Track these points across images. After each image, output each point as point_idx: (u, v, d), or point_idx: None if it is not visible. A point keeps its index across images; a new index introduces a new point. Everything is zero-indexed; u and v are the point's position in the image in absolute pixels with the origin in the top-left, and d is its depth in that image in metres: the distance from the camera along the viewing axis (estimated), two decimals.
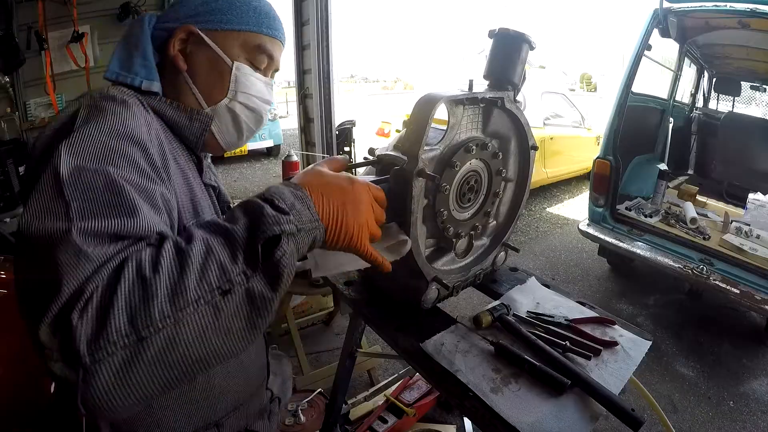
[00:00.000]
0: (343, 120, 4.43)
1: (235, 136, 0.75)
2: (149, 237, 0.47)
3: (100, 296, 0.40)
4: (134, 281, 0.41)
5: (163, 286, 0.41)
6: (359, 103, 14.27)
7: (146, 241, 0.46)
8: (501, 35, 0.86)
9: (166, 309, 0.40)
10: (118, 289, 0.40)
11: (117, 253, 0.44)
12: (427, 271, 0.86)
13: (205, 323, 0.42)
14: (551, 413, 0.69)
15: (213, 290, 0.42)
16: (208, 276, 0.43)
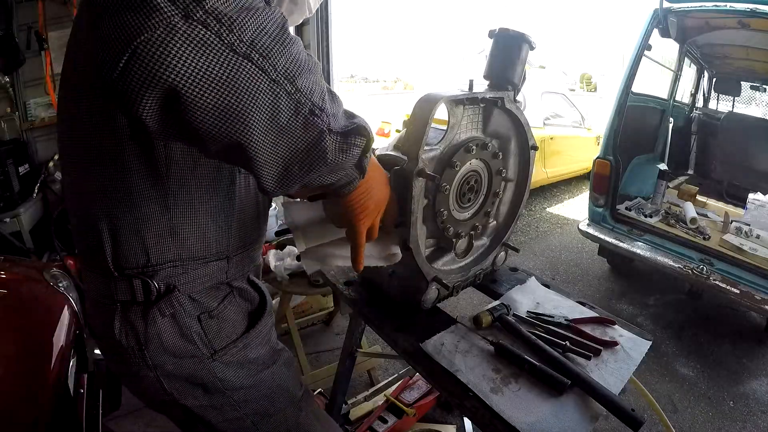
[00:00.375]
0: None
1: None
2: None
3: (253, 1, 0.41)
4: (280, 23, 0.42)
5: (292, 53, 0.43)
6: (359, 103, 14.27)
7: None
8: (501, 35, 0.86)
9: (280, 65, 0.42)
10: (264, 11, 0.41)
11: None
12: (427, 271, 0.86)
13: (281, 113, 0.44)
14: (551, 413, 0.69)
15: (309, 99, 0.45)
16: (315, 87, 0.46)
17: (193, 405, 0.67)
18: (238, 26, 0.39)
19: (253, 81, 0.41)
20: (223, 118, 0.42)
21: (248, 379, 0.70)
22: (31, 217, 2.22)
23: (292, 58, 0.43)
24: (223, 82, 0.40)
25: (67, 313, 1.19)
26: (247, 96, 0.41)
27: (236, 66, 0.40)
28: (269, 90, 0.42)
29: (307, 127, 0.46)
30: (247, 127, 0.43)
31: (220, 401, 0.68)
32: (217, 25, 0.38)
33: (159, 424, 1.62)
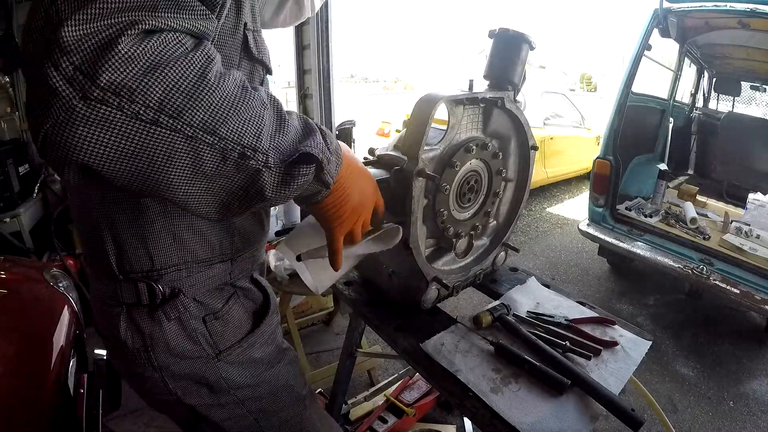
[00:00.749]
0: (343, 120, 4.43)
1: None
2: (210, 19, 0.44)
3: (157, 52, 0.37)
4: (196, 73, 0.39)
5: (212, 100, 0.40)
6: (359, 103, 14.28)
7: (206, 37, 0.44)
8: (501, 35, 0.86)
9: (197, 120, 0.40)
10: (177, 65, 0.38)
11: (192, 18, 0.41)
12: (427, 271, 0.86)
13: (205, 164, 0.42)
14: (551, 413, 0.69)
15: (238, 144, 0.42)
16: (245, 129, 0.43)
17: (198, 404, 0.67)
18: (141, 93, 0.37)
19: (167, 143, 0.39)
20: (144, 181, 0.41)
21: (253, 378, 0.70)
22: (31, 217, 2.21)
23: (212, 108, 0.40)
24: (133, 152, 0.39)
25: (67, 313, 1.19)
26: (162, 158, 0.40)
27: (145, 134, 0.38)
28: (187, 147, 0.40)
29: (240, 168, 0.44)
30: (169, 184, 0.42)
31: (224, 400, 0.68)
32: (116, 99, 0.36)
33: (159, 424, 1.62)
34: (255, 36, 0.60)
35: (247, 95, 0.44)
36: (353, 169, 0.58)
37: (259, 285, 0.74)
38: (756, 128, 3.36)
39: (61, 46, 0.35)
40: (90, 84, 0.35)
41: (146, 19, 0.37)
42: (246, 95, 0.43)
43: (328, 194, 0.55)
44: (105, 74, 0.35)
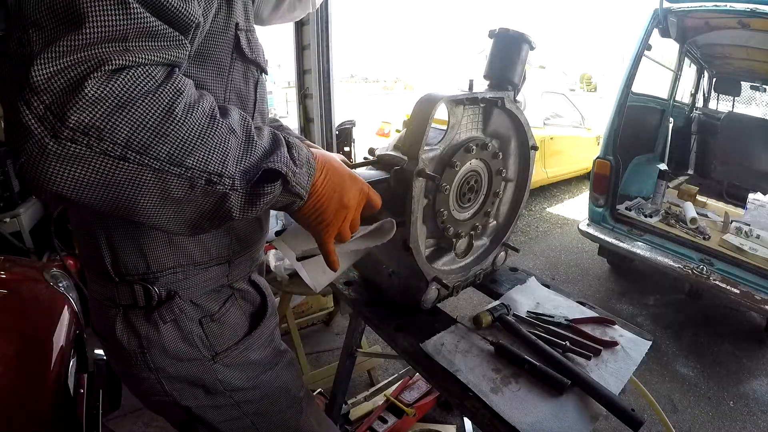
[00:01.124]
0: (343, 120, 4.44)
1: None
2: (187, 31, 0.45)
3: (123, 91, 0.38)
4: (162, 109, 0.40)
5: (179, 134, 0.41)
6: (359, 103, 14.28)
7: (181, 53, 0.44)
8: (501, 35, 0.86)
9: (163, 154, 0.41)
10: (144, 101, 0.39)
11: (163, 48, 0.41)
12: (427, 271, 0.86)
13: (173, 192, 0.43)
14: (551, 413, 0.69)
15: (204, 171, 0.44)
16: (211, 157, 0.44)
17: (194, 405, 0.67)
18: (109, 132, 0.38)
19: (135, 176, 0.41)
20: (115, 207, 0.43)
21: (250, 380, 0.70)
22: (31, 217, 2.21)
23: (179, 142, 0.42)
24: (103, 184, 0.41)
25: (67, 313, 1.19)
26: (131, 189, 0.42)
27: (113, 168, 0.40)
28: (155, 179, 0.42)
29: (207, 193, 0.45)
30: (140, 211, 0.44)
31: (220, 401, 0.68)
32: (85, 138, 0.38)
33: (159, 424, 1.62)
34: (248, 36, 0.60)
35: (214, 124, 0.45)
36: (331, 172, 0.58)
37: (257, 287, 0.74)
38: (756, 128, 3.36)
39: (32, 85, 0.36)
40: (60, 124, 0.37)
41: (115, 56, 0.38)
42: (213, 124, 0.45)
43: (305, 202, 0.55)
44: (73, 116, 0.36)
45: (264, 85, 0.71)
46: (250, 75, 0.63)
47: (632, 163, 3.00)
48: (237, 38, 0.58)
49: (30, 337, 1.06)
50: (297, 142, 0.54)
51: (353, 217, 0.62)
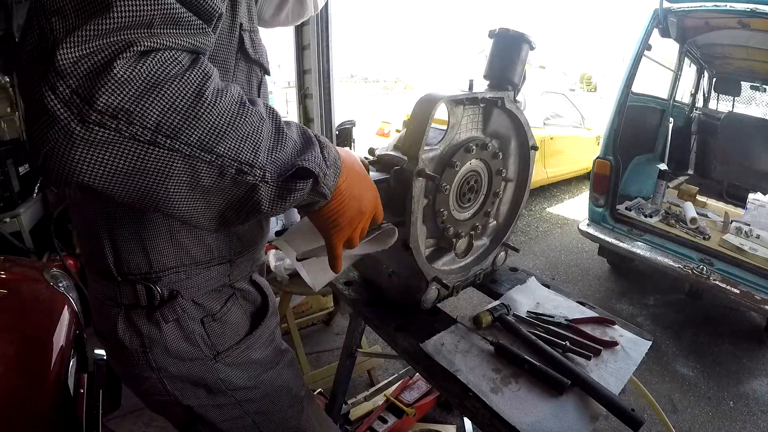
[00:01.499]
0: (343, 120, 4.44)
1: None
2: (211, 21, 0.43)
3: (153, 73, 0.37)
4: (193, 92, 0.39)
5: (210, 118, 0.40)
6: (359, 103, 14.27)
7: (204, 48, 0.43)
8: (501, 35, 0.86)
9: (194, 138, 0.40)
10: (173, 84, 0.38)
11: (189, 34, 0.40)
12: (427, 271, 0.86)
13: (203, 180, 0.42)
14: (551, 413, 0.69)
15: (235, 161, 0.43)
16: (243, 146, 0.43)
17: (195, 405, 0.67)
18: (139, 115, 0.37)
19: (165, 162, 0.40)
20: (143, 197, 0.42)
21: (251, 379, 0.70)
22: (31, 217, 2.21)
23: (210, 126, 0.41)
24: (132, 171, 0.40)
25: (67, 313, 1.19)
26: (161, 177, 0.41)
27: (143, 154, 0.39)
28: (185, 165, 0.41)
29: (237, 183, 0.44)
30: (168, 200, 0.43)
31: (222, 401, 0.68)
32: (114, 121, 0.36)
33: (159, 424, 1.62)
34: (252, 36, 0.60)
35: (244, 111, 0.44)
36: (353, 177, 0.58)
37: (258, 286, 0.74)
38: (756, 128, 3.36)
39: (57, 69, 0.34)
40: (87, 107, 0.35)
41: (142, 39, 0.37)
42: (244, 111, 0.44)
43: (327, 203, 0.55)
44: (102, 97, 0.35)
45: (266, 85, 0.70)
46: (253, 75, 0.63)
47: (632, 163, 3.00)
48: (241, 38, 0.58)
49: (30, 337, 1.06)
50: (326, 141, 0.53)
51: (364, 225, 0.62)
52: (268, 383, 0.72)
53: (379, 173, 0.79)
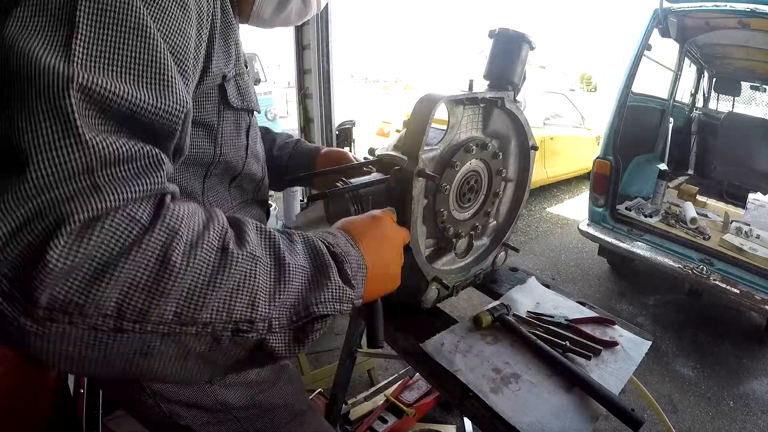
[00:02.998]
0: (343, 120, 4.44)
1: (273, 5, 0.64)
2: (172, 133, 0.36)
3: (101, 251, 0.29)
4: (155, 261, 0.31)
5: (183, 287, 0.32)
6: (359, 103, 14.28)
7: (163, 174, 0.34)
8: (501, 35, 0.86)
9: (168, 316, 0.32)
10: (129, 257, 0.30)
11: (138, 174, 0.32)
12: (427, 271, 0.86)
13: (194, 349, 0.35)
14: (551, 413, 0.69)
15: (229, 322, 0.35)
16: (234, 303, 0.35)
17: (194, 423, 0.67)
18: (93, 306, 0.29)
19: (140, 345, 0.33)
20: (125, 375, 0.35)
21: (250, 398, 0.70)
22: None
23: (185, 296, 0.32)
24: (104, 358, 0.32)
25: None
26: (140, 357, 0.33)
27: (110, 342, 0.31)
28: (166, 343, 0.33)
29: (239, 344, 0.37)
30: (156, 374, 0.36)
31: (221, 417, 0.68)
32: (65, 316, 0.29)
33: None
34: (238, 83, 0.56)
35: (228, 260, 0.35)
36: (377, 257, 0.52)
37: None
38: (756, 128, 3.36)
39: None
40: (30, 305, 0.28)
41: (79, 207, 0.29)
42: (227, 260, 0.35)
43: None
44: (42, 294, 0.28)
45: (256, 126, 0.68)
46: (241, 122, 0.60)
47: (632, 163, 3.00)
48: (223, 91, 0.54)
49: None
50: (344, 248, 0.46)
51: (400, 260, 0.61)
52: (267, 402, 0.72)
53: (379, 173, 0.79)
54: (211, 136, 0.56)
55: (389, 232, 0.57)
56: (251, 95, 0.61)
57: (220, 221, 0.37)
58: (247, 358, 0.39)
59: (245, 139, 0.62)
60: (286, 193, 2.40)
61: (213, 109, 0.54)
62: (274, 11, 0.67)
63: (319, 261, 0.42)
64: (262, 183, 0.75)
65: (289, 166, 0.93)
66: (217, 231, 0.36)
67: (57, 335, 0.30)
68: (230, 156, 0.60)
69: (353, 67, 76.12)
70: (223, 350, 0.36)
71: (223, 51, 0.51)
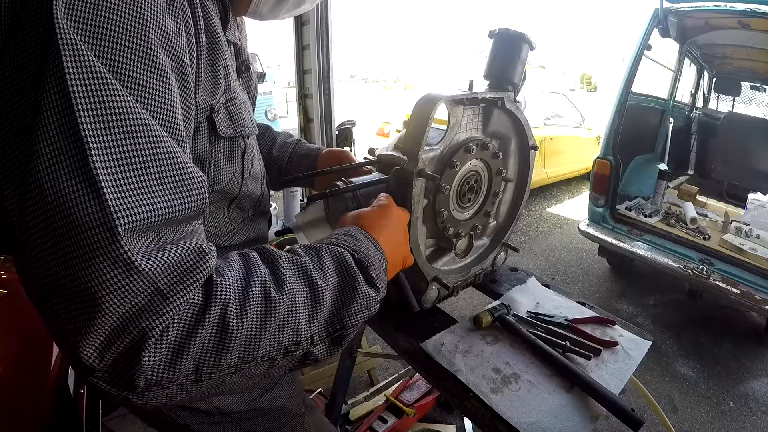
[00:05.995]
0: (343, 120, 4.44)
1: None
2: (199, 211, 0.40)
3: (176, 341, 0.36)
4: (216, 330, 0.38)
5: (241, 340, 0.39)
6: (359, 103, 14.27)
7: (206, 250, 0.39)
8: (501, 35, 0.86)
9: (234, 361, 0.39)
10: (197, 335, 0.37)
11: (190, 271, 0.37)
12: (427, 271, 0.86)
13: (256, 372, 0.42)
14: (551, 413, 0.69)
15: (279, 349, 0.42)
16: (281, 336, 0.42)
17: (192, 423, 0.67)
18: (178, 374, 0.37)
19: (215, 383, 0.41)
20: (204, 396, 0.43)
21: (248, 403, 0.70)
22: None
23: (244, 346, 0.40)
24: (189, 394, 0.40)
25: None
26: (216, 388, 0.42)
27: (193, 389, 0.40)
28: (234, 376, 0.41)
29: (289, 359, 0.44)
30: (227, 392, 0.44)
31: (218, 419, 0.69)
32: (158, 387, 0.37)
33: None
34: (229, 109, 0.55)
35: (272, 305, 0.41)
36: (392, 249, 0.58)
37: None
38: (756, 128, 3.36)
39: (83, 365, 0.34)
40: (131, 389, 0.36)
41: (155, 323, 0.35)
42: (271, 306, 0.41)
43: None
44: (140, 382, 0.35)
45: (253, 147, 0.67)
46: (236, 148, 0.59)
47: (632, 163, 3.00)
48: (213, 125, 0.53)
49: (30, 337, 1.06)
50: (365, 252, 0.51)
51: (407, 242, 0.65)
52: (266, 405, 0.72)
53: (379, 173, 0.79)
54: (203, 168, 0.55)
55: (395, 218, 0.62)
56: (244, 119, 0.59)
57: (258, 271, 0.42)
58: (297, 364, 0.46)
59: (240, 164, 0.61)
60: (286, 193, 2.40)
61: (203, 142, 0.54)
62: (272, 7, 0.66)
63: (347, 271, 0.48)
64: (262, 198, 0.74)
65: (289, 167, 0.93)
66: (258, 283, 0.41)
67: (153, 396, 0.38)
68: (225, 184, 0.60)
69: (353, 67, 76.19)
70: (278, 366, 0.44)
71: (210, 81, 0.51)
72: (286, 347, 0.42)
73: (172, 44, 0.40)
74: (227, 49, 0.55)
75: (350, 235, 0.53)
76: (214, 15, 0.52)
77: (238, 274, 0.41)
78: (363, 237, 0.53)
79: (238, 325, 0.38)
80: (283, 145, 0.94)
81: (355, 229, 0.55)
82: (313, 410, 0.84)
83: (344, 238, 0.52)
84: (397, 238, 0.60)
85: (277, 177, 0.92)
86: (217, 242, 0.64)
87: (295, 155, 0.93)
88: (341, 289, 0.47)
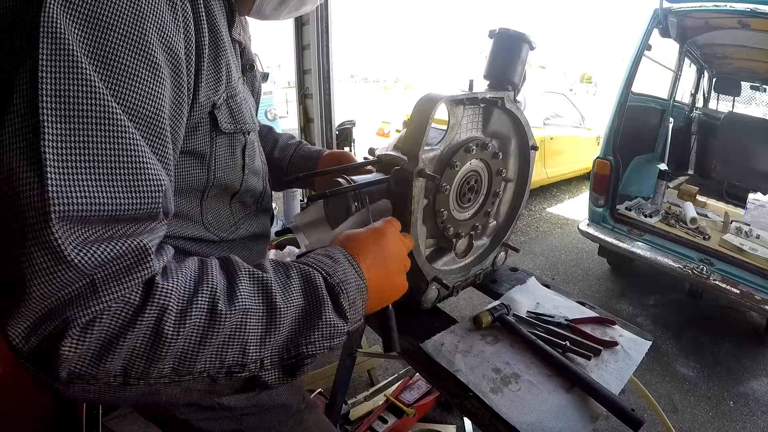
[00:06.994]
0: (343, 120, 4.44)
1: None
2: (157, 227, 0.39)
3: (103, 336, 0.34)
4: (149, 334, 0.36)
5: (176, 350, 0.37)
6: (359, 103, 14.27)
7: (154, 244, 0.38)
8: (501, 35, 0.86)
9: (166, 371, 0.37)
10: (128, 335, 0.35)
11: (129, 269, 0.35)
12: (427, 271, 0.86)
13: (195, 387, 0.40)
14: (551, 413, 0.69)
15: (222, 368, 0.40)
16: (225, 353, 0.39)
17: (193, 418, 0.67)
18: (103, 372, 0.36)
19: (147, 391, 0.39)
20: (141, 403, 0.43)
21: (248, 400, 0.70)
22: None
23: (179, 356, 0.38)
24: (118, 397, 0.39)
25: None
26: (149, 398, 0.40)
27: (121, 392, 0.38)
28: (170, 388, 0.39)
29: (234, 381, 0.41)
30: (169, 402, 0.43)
31: (219, 414, 0.69)
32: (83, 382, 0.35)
33: None
34: (230, 106, 0.56)
35: (217, 320, 0.38)
36: (377, 277, 0.52)
37: None
38: (756, 128, 3.36)
39: (12, 344, 0.33)
40: (53, 376, 0.34)
41: (80, 312, 0.33)
42: (216, 321, 0.38)
43: None
44: (62, 372, 0.34)
45: (254, 142, 0.67)
46: (236, 143, 0.60)
47: (632, 163, 3.00)
48: (214, 120, 0.54)
49: None
50: (341, 276, 0.47)
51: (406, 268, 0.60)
52: (266, 402, 0.72)
53: (379, 173, 0.79)
54: (204, 164, 0.55)
55: (392, 244, 0.57)
56: (245, 115, 0.59)
57: (210, 281, 0.40)
58: (244, 387, 0.43)
59: (241, 159, 0.61)
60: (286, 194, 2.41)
61: (204, 137, 0.54)
62: (275, 7, 0.66)
63: (314, 295, 0.45)
64: (264, 194, 0.75)
65: (290, 169, 0.94)
66: (206, 293, 0.39)
67: (79, 390, 0.36)
68: (226, 178, 0.60)
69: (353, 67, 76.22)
70: (221, 386, 0.41)
71: (213, 77, 0.51)
72: (230, 367, 0.40)
73: (168, 39, 0.41)
74: (230, 47, 0.56)
75: (329, 256, 0.49)
76: (218, 14, 0.52)
77: (187, 281, 0.39)
78: (344, 259, 0.49)
79: (173, 334, 0.36)
80: (284, 146, 0.95)
81: (338, 250, 0.51)
82: (313, 408, 0.84)
83: (321, 258, 0.49)
84: (388, 266, 0.55)
85: (278, 178, 0.92)
86: (221, 235, 0.64)
87: (296, 157, 0.94)
88: (304, 314, 0.43)
